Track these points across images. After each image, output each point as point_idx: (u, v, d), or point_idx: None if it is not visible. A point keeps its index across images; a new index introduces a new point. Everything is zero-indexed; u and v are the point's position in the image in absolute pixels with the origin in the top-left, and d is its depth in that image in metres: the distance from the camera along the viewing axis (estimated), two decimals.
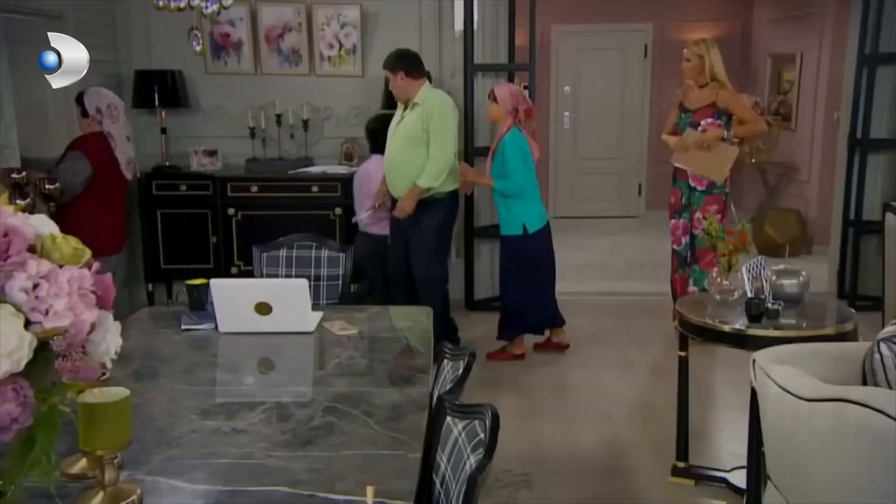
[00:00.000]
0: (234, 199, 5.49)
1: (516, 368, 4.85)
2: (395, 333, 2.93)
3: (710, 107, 4.92)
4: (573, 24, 9.38)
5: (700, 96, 4.97)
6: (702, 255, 4.98)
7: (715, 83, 4.92)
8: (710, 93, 4.93)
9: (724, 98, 4.93)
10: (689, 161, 5.01)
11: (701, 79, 4.96)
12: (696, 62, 4.93)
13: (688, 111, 5.01)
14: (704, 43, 4.97)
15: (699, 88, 4.98)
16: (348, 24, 5.75)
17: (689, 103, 5.03)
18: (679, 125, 5.07)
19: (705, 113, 4.94)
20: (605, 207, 9.63)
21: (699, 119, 4.96)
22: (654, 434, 3.97)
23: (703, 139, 4.89)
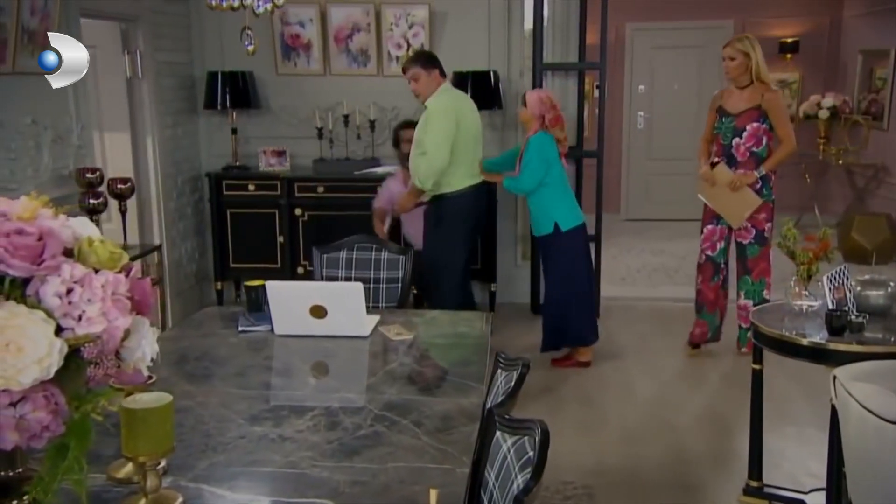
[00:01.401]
0: (301, 199, 5.52)
1: (580, 376, 4.72)
2: (450, 340, 2.86)
3: (754, 110, 4.56)
4: (649, 21, 9.15)
5: (743, 98, 4.61)
6: (753, 265, 4.73)
7: (759, 84, 4.58)
8: (754, 94, 4.57)
9: (771, 101, 4.57)
10: (712, 197, 4.74)
11: (743, 79, 4.60)
12: (741, 60, 4.57)
13: (729, 115, 4.64)
14: (748, 40, 4.61)
15: (740, 90, 4.63)
16: (416, 24, 5.71)
17: (730, 106, 4.66)
18: (720, 130, 4.70)
19: (749, 117, 4.57)
20: (680, 210, 9.31)
21: (743, 123, 4.59)
22: (724, 449, 3.80)
23: (735, 180, 4.57)
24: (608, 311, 5.77)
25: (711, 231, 4.88)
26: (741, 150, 4.62)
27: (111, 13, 4.94)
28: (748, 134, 4.57)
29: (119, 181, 4.31)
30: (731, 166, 4.66)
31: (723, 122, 4.66)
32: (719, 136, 4.68)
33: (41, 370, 1.21)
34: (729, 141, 4.64)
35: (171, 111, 5.55)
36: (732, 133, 4.62)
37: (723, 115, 4.66)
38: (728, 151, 4.65)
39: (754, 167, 4.60)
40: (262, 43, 5.77)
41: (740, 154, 4.62)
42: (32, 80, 3.92)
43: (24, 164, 3.89)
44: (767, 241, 4.73)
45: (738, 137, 4.60)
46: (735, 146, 4.63)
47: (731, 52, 4.59)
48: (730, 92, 4.70)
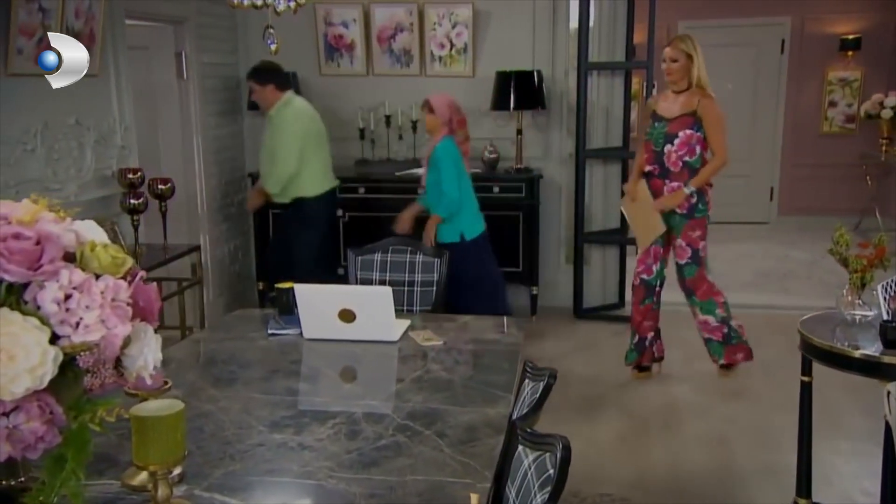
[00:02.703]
0: (342, 200, 5.50)
1: (623, 384, 4.59)
2: (481, 346, 2.78)
3: (688, 116, 4.22)
4: (701, 19, 8.91)
5: (678, 103, 4.27)
6: (693, 285, 4.48)
7: (696, 89, 4.23)
8: (690, 100, 4.23)
9: (706, 108, 4.22)
10: (631, 213, 4.47)
11: (683, 83, 4.25)
12: (683, 62, 4.20)
13: (662, 120, 4.29)
14: (691, 41, 4.26)
15: (675, 94, 4.29)
16: (460, 24, 5.65)
17: (663, 110, 4.31)
18: (651, 135, 4.34)
19: (683, 123, 4.23)
20: (732, 212, 9.07)
21: (676, 129, 4.24)
22: (772, 464, 3.64)
23: (664, 202, 4.28)
24: None
25: (646, 252, 4.54)
26: (673, 158, 4.28)
27: (157, 15, 4.99)
28: (680, 141, 4.23)
29: (160, 181, 4.34)
30: (663, 177, 4.33)
31: (655, 126, 4.32)
32: (651, 142, 4.33)
33: (33, 379, 1.18)
34: (661, 147, 4.30)
35: (215, 112, 5.59)
36: (664, 139, 4.28)
37: (655, 120, 4.33)
38: (660, 159, 4.31)
39: (687, 179, 4.28)
40: (305, 44, 5.80)
41: (672, 163, 4.28)
42: (76, 81, 3.96)
43: (67, 165, 3.93)
44: (702, 261, 4.47)
45: (670, 144, 4.26)
46: (667, 153, 4.28)
47: (673, 53, 4.24)
48: (665, 95, 4.37)
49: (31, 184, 3.68)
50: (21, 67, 3.59)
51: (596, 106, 5.60)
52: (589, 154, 5.53)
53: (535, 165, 5.66)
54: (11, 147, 3.57)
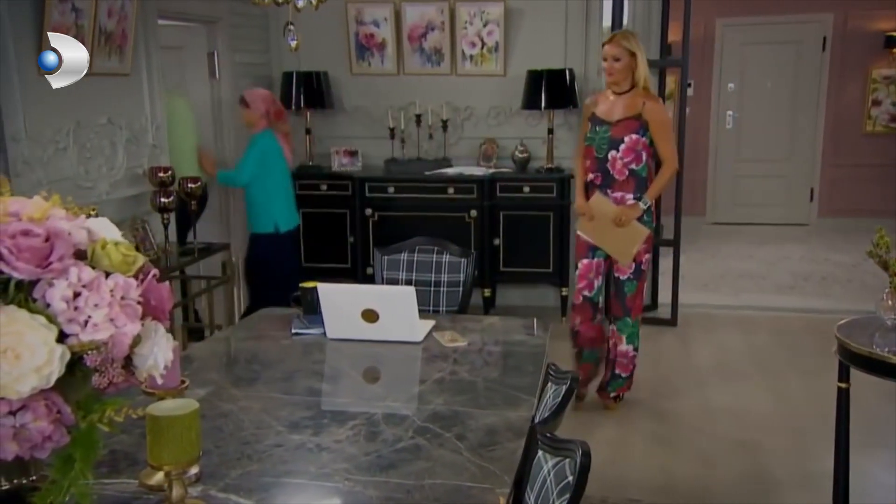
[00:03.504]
0: (372, 199, 5.50)
1: (653, 387, 4.50)
2: (506, 347, 2.74)
3: (633, 120, 3.87)
4: (740, 16, 8.76)
5: (620, 105, 3.91)
6: (631, 303, 4.08)
7: (640, 91, 3.89)
8: (634, 101, 3.88)
9: (653, 112, 3.87)
10: (594, 232, 4.03)
11: (625, 83, 3.89)
12: (626, 61, 3.84)
13: (604, 123, 3.93)
14: (634, 38, 3.91)
15: (616, 96, 3.93)
16: (491, 22, 5.60)
17: (604, 113, 3.95)
18: (593, 140, 3.96)
19: (627, 127, 3.87)
20: (770, 213, 8.93)
21: (620, 134, 3.88)
22: (807, 472, 3.54)
23: (620, 215, 3.90)
24: (686, 319, 5.52)
25: (587, 266, 4.11)
26: (618, 165, 3.92)
27: (190, 15, 5.02)
28: (626, 147, 3.88)
29: (190, 180, 4.36)
30: (606, 186, 3.98)
31: (597, 131, 3.95)
32: (592, 148, 3.97)
33: (40, 378, 1.16)
34: (604, 154, 3.93)
35: None
36: (608, 144, 3.91)
37: (596, 124, 3.96)
38: (603, 166, 3.95)
39: (633, 188, 3.95)
40: (336, 43, 5.81)
41: (617, 171, 3.93)
42: (109, 80, 4.01)
43: (99, 163, 3.97)
44: (643, 275, 4.14)
45: (615, 150, 3.90)
46: (611, 160, 3.92)
47: (615, 50, 3.86)
48: (604, 97, 4.01)
49: (64, 182, 3.72)
50: None
51: None
52: None
53: (566, 165, 5.59)
54: (44, 146, 3.61)
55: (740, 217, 8.96)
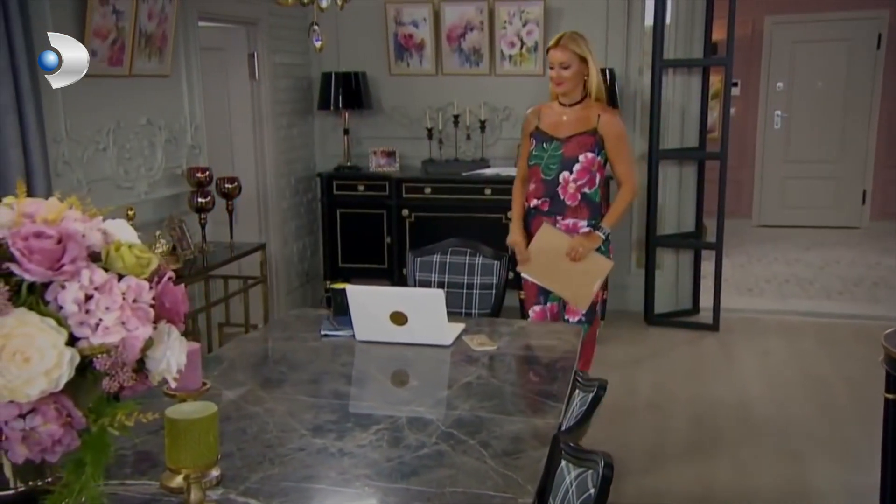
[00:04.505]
0: (409, 200, 5.49)
1: (694, 395, 4.40)
2: (535, 352, 2.69)
3: (588, 135, 3.35)
4: (790, 13, 8.55)
5: (572, 119, 3.38)
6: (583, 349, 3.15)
7: (592, 102, 3.39)
8: (587, 114, 3.37)
9: (610, 125, 3.36)
10: (543, 273, 3.41)
11: (575, 93, 3.38)
12: (577, 68, 3.32)
13: (553, 139, 3.39)
14: (584, 40, 3.36)
15: (563, 107, 3.41)
16: (531, 21, 5.55)
17: (552, 128, 3.41)
18: (540, 160, 3.41)
19: (582, 144, 3.35)
20: (820, 216, 8.69)
21: (574, 152, 3.35)
22: (851, 485, 3.42)
23: (575, 247, 3.35)
24: (728, 324, 5.39)
25: (540, 315, 3.56)
26: (570, 189, 3.39)
27: (230, 17, 5.06)
28: (581, 167, 3.36)
29: (227, 180, 4.40)
30: (555, 213, 3.44)
31: (544, 148, 3.40)
32: (539, 169, 3.41)
33: (49, 382, 1.16)
34: (553, 175, 3.40)
35: (286, 112, 5.65)
36: (559, 164, 3.38)
37: (543, 141, 3.41)
38: (551, 190, 3.41)
39: (587, 215, 3.43)
40: (375, 43, 5.81)
41: (569, 196, 3.41)
42: (148, 82, 4.06)
43: (138, 164, 4.02)
44: (597, 319, 3.68)
45: (567, 171, 3.38)
46: (562, 183, 3.39)
47: (564, 55, 3.31)
48: (549, 109, 3.46)
49: (103, 182, 3.78)
50: (95, 69, 3.68)
51: (671, 105, 5.41)
52: (663, 154, 5.34)
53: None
54: (84, 146, 3.67)
55: (788, 220, 8.75)
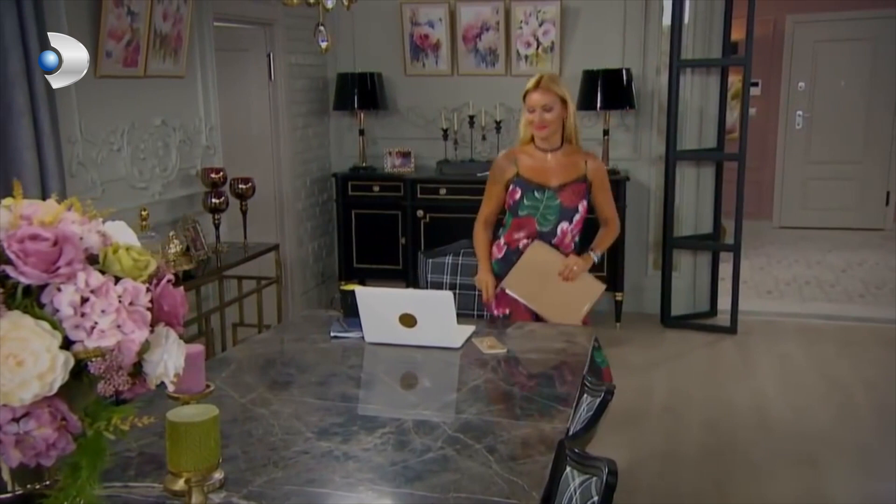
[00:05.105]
0: (423, 200, 5.47)
1: (711, 399, 4.35)
2: (545, 356, 2.66)
3: (579, 183, 3.21)
4: (812, 12, 8.44)
5: (560, 166, 3.20)
6: None
7: (572, 147, 3.25)
8: (573, 160, 3.21)
9: (599, 172, 3.25)
10: (530, 293, 3.23)
11: (556, 138, 3.21)
12: (559, 111, 3.16)
13: (543, 188, 3.18)
14: (562, 81, 3.26)
15: (545, 153, 3.22)
16: (547, 21, 5.51)
17: (540, 176, 3.19)
18: (534, 210, 3.21)
19: (576, 192, 3.20)
20: (842, 218, 8.57)
21: (573, 202, 3.20)
22: (870, 493, 3.36)
23: (569, 266, 3.19)
24: (746, 326, 5.32)
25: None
26: (567, 240, 3.26)
27: (246, 17, 5.07)
28: (579, 217, 3.25)
29: (241, 181, 4.40)
30: None
31: (536, 197, 3.20)
32: (533, 220, 3.22)
33: (42, 385, 1.15)
34: (552, 226, 3.23)
35: (302, 112, 5.66)
36: (557, 215, 3.20)
37: (533, 189, 3.19)
38: (547, 241, 3.25)
39: None
40: (391, 44, 5.80)
41: (565, 246, 3.27)
42: (163, 82, 4.08)
43: (153, 164, 4.04)
44: None
45: (568, 222, 3.22)
46: (560, 234, 3.24)
47: (546, 98, 3.13)
48: (527, 154, 3.24)
49: (117, 182, 3.80)
50: (110, 70, 3.70)
51: (689, 105, 5.35)
52: (680, 155, 5.29)
53: (622, 167, 5.47)
54: (99, 147, 3.68)
55: (809, 221, 8.64)
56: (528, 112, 3.20)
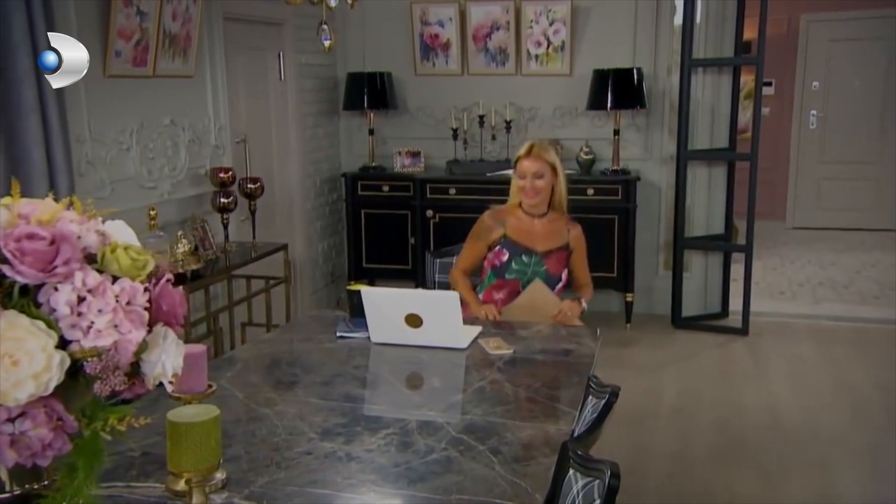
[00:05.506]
0: (433, 200, 5.46)
1: (721, 400, 4.31)
2: (552, 357, 2.64)
3: (562, 250, 3.26)
4: (827, 11, 8.37)
5: (546, 232, 3.24)
6: None
7: (556, 213, 3.30)
8: (558, 227, 3.26)
9: (580, 240, 3.29)
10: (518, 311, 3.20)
11: (544, 205, 3.25)
12: (550, 178, 3.21)
13: (531, 252, 3.21)
14: (552, 148, 3.31)
15: (532, 218, 3.25)
16: (558, 21, 5.48)
17: (527, 240, 3.22)
18: (521, 274, 3.21)
19: (560, 260, 3.24)
20: (856, 218, 8.49)
21: (557, 269, 3.24)
22: (885, 497, 3.32)
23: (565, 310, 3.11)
24: (758, 328, 5.28)
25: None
26: None
27: (255, 17, 5.07)
28: (562, 285, 3.28)
29: (249, 180, 4.40)
30: None
31: (524, 262, 3.21)
32: (519, 284, 3.23)
33: (38, 385, 1.14)
34: None
35: (312, 112, 5.66)
36: (545, 280, 3.23)
37: (521, 253, 3.21)
38: None
39: None
40: (401, 43, 5.79)
41: None
42: (172, 82, 4.08)
43: (162, 164, 4.04)
44: None
45: (551, 289, 3.25)
46: None
47: (538, 165, 3.19)
48: (514, 217, 3.27)
49: (126, 182, 3.81)
50: (119, 69, 3.71)
51: (700, 105, 5.32)
52: (691, 155, 5.25)
53: (633, 167, 5.44)
54: (108, 146, 3.69)
55: (823, 222, 8.56)
56: (518, 178, 3.24)
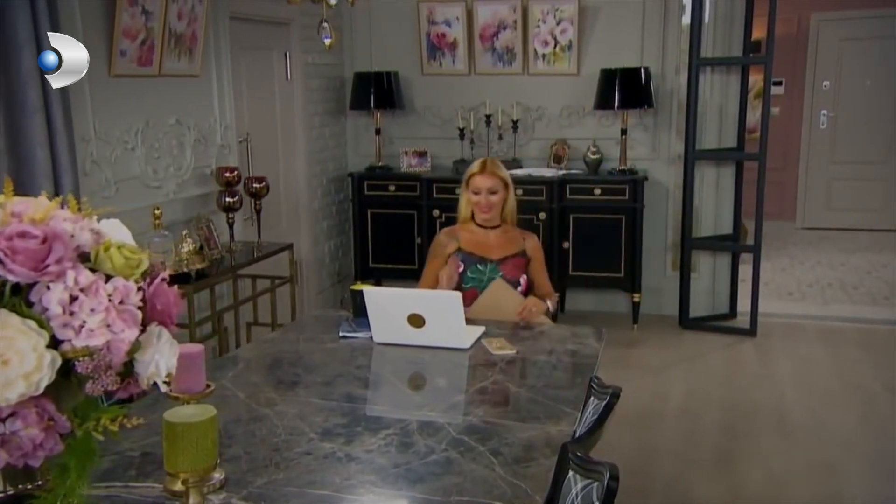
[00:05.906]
0: (439, 200, 5.44)
1: (728, 400, 4.28)
2: (555, 357, 2.62)
3: (519, 257, 3.33)
4: (837, 10, 8.31)
5: (499, 241, 3.35)
6: None
7: (509, 226, 3.41)
8: (511, 237, 3.37)
9: (537, 248, 3.41)
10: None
11: (497, 218, 3.38)
12: (503, 194, 3.35)
13: (485, 261, 3.28)
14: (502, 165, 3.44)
15: (486, 230, 3.36)
16: (565, 20, 5.46)
17: (478, 249, 3.31)
18: (478, 282, 3.25)
19: (517, 266, 3.31)
20: (867, 219, 8.43)
21: (514, 274, 3.29)
22: (890, 498, 3.27)
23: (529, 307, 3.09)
24: (766, 329, 5.24)
25: None
26: None
27: (262, 17, 5.07)
28: (521, 290, 3.32)
29: (254, 180, 4.40)
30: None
31: (479, 269, 3.27)
32: (477, 291, 3.25)
33: (28, 385, 1.13)
34: None
35: (318, 112, 5.65)
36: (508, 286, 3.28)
37: (475, 262, 3.28)
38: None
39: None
40: (408, 43, 5.78)
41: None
42: (177, 82, 4.08)
43: (167, 163, 4.04)
44: None
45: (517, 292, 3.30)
46: None
47: (491, 182, 3.32)
48: (466, 231, 3.38)
49: (131, 181, 3.81)
50: (124, 69, 3.71)
51: (708, 104, 5.28)
52: (699, 155, 5.21)
53: (640, 167, 5.41)
54: (113, 146, 3.70)
55: (833, 222, 8.50)
56: (472, 194, 3.37)
